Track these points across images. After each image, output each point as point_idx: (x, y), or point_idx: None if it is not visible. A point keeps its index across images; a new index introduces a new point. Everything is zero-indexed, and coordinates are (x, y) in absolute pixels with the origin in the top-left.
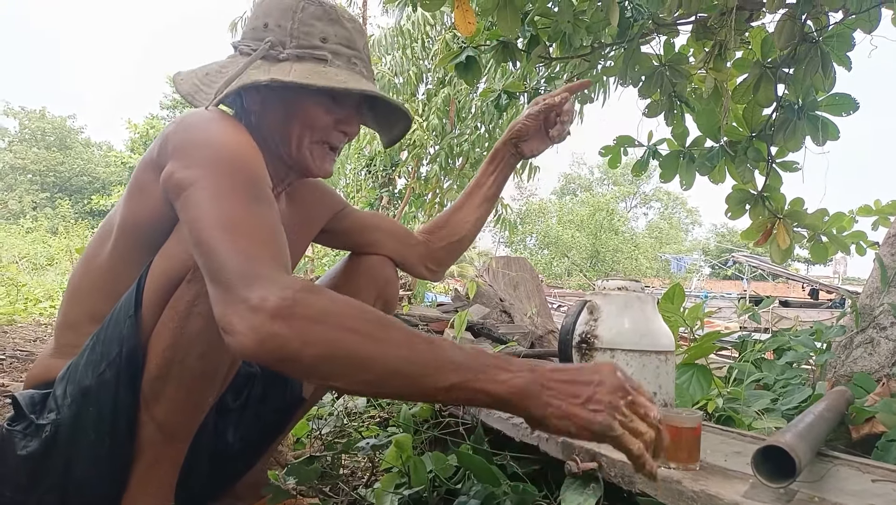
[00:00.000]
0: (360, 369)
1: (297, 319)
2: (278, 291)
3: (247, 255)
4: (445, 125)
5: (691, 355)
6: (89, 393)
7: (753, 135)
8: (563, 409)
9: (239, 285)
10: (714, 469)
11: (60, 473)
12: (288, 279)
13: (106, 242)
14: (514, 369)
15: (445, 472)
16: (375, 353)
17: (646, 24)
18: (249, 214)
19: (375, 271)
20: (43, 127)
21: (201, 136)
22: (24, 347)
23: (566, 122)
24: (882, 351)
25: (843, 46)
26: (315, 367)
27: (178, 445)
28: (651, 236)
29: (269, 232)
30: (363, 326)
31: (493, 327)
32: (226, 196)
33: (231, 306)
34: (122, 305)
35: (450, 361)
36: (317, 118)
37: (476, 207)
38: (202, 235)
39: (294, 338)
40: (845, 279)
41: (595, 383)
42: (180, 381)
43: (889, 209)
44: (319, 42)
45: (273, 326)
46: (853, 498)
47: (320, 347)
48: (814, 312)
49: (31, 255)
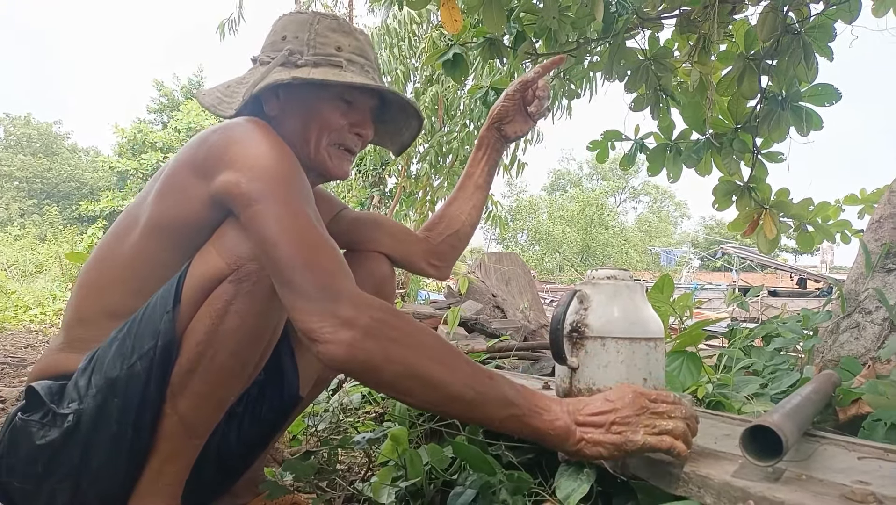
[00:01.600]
0: (430, 390)
1: (384, 339)
2: (368, 311)
3: (327, 271)
4: (434, 123)
5: (681, 343)
6: (116, 384)
7: (739, 126)
8: (592, 438)
9: (326, 300)
10: (705, 451)
11: (76, 463)
12: (371, 300)
13: (125, 239)
14: (555, 410)
15: (441, 463)
16: (446, 378)
17: (630, 19)
18: (320, 234)
19: (372, 268)
20: (28, 133)
21: (256, 150)
22: (14, 354)
23: (543, 98)
24: (868, 335)
25: (825, 37)
26: (392, 382)
27: (195, 442)
28: (640, 230)
29: (336, 250)
30: (437, 353)
31: (486, 323)
32: (298, 215)
33: (322, 318)
34: (158, 301)
35: (505, 396)
36: (333, 120)
37: (469, 197)
38: (282, 252)
39: (380, 355)
40: (832, 268)
41: (614, 410)
42: (208, 376)
43: (874, 197)
44: (335, 51)
45: (365, 342)
46: (840, 475)
47: (400, 365)
48: (802, 301)
49: (20, 262)
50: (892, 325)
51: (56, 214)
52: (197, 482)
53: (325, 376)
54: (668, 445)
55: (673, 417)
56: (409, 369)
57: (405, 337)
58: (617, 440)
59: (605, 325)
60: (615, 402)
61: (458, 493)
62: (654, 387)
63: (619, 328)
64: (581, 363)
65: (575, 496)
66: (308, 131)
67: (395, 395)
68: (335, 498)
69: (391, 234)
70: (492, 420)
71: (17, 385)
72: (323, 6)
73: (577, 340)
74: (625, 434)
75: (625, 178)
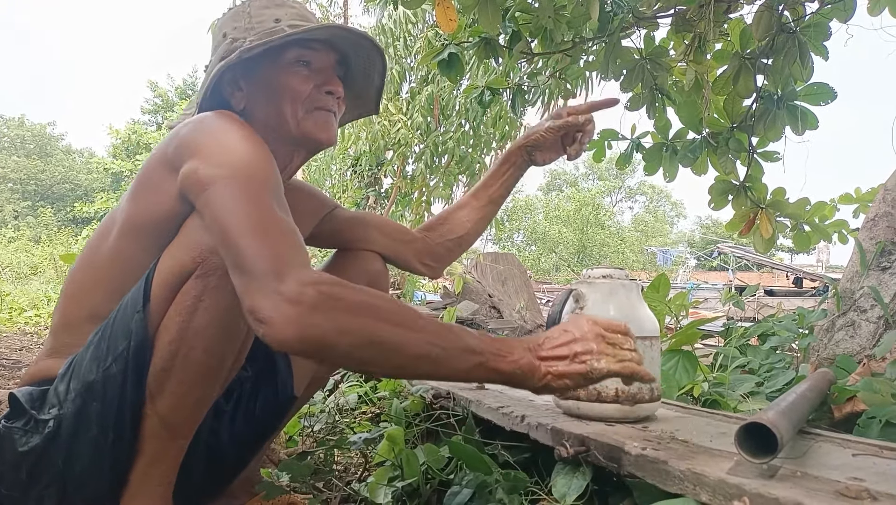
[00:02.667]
0: (393, 354)
1: (334, 311)
2: (314, 286)
3: (277, 253)
4: (430, 123)
5: (677, 342)
6: (94, 387)
7: (734, 126)
8: (557, 371)
9: (272, 279)
10: (700, 449)
11: (60, 468)
12: (320, 275)
13: (105, 241)
14: (517, 349)
15: (438, 463)
16: (407, 339)
17: (626, 18)
18: (276, 218)
19: (364, 266)
20: (22, 135)
21: (222, 138)
22: (9, 357)
23: (584, 143)
24: (863, 333)
25: (820, 36)
26: (351, 354)
27: (179, 442)
28: (637, 230)
29: (293, 234)
30: (394, 316)
31: (482, 323)
32: (253, 198)
33: (266, 298)
34: (129, 301)
35: (468, 346)
36: (299, 87)
37: (480, 208)
38: (231, 233)
39: (332, 328)
40: (828, 267)
41: (575, 341)
42: (184, 375)
43: (868, 197)
44: (274, 24)
45: (313, 317)
46: (835, 471)
47: (356, 336)
48: (798, 300)
49: (14, 264)
50: (887, 323)
51: (50, 216)
52: (188, 481)
53: (321, 375)
54: (632, 371)
55: (626, 347)
56: (367, 338)
57: (357, 306)
58: (582, 369)
59: None
60: (573, 332)
61: (455, 492)
62: (650, 387)
63: None
64: None
65: (571, 495)
66: (281, 108)
67: (358, 366)
68: (332, 498)
69: (384, 232)
70: (458, 372)
71: (11, 387)
72: (317, 6)
73: None
74: (589, 363)
75: (621, 178)
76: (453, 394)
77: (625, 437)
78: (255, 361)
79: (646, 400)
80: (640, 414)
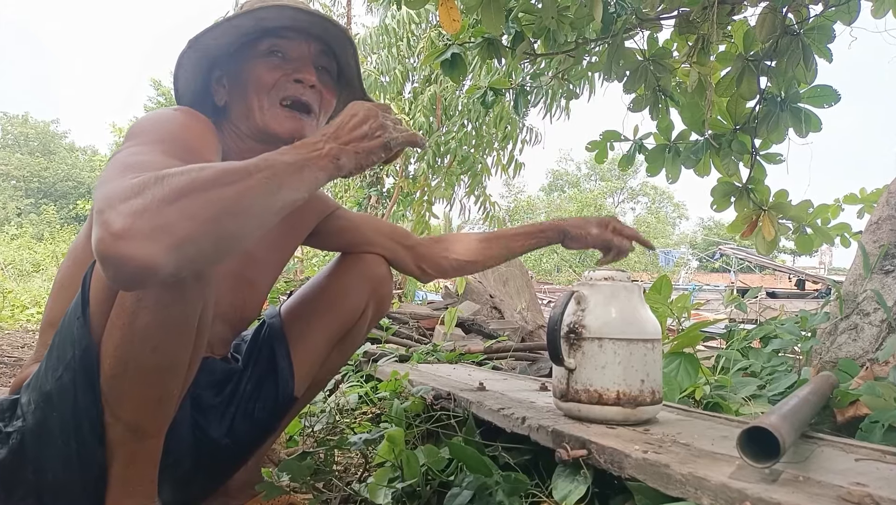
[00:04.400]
0: (246, 216)
1: (169, 223)
2: (133, 207)
3: (109, 191)
4: (432, 123)
5: (678, 344)
6: (50, 398)
7: (737, 127)
8: (363, 148)
9: (101, 223)
10: (702, 453)
11: (32, 479)
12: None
13: (84, 242)
14: (318, 143)
15: (438, 464)
16: (245, 189)
17: (629, 20)
18: (162, 160)
19: (369, 270)
20: (26, 132)
21: (146, 121)
22: (11, 354)
23: (616, 259)
24: (866, 336)
25: (824, 38)
26: (215, 246)
27: (150, 442)
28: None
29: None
30: (223, 179)
31: (483, 323)
32: (141, 152)
33: (103, 246)
34: (72, 307)
35: (286, 161)
36: (266, 77)
37: (495, 251)
38: (103, 175)
39: (175, 240)
40: (831, 269)
41: (363, 121)
42: (138, 377)
43: (873, 197)
44: (261, 4)
45: (151, 242)
46: (838, 476)
47: (205, 227)
48: (800, 303)
49: (17, 261)
50: (890, 326)
51: (53, 214)
52: (186, 480)
53: (322, 378)
54: (416, 138)
55: (400, 122)
56: (214, 222)
57: (184, 202)
58: (382, 142)
59: (602, 326)
60: (359, 114)
61: (455, 494)
62: (652, 389)
63: (617, 329)
64: (578, 364)
65: (572, 497)
66: (249, 100)
67: (227, 247)
68: (332, 499)
69: (384, 235)
70: (296, 188)
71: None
72: (321, 6)
73: (575, 341)
74: (385, 136)
75: (623, 179)
76: (454, 395)
77: (626, 440)
78: (257, 363)
79: (647, 403)
80: (641, 417)
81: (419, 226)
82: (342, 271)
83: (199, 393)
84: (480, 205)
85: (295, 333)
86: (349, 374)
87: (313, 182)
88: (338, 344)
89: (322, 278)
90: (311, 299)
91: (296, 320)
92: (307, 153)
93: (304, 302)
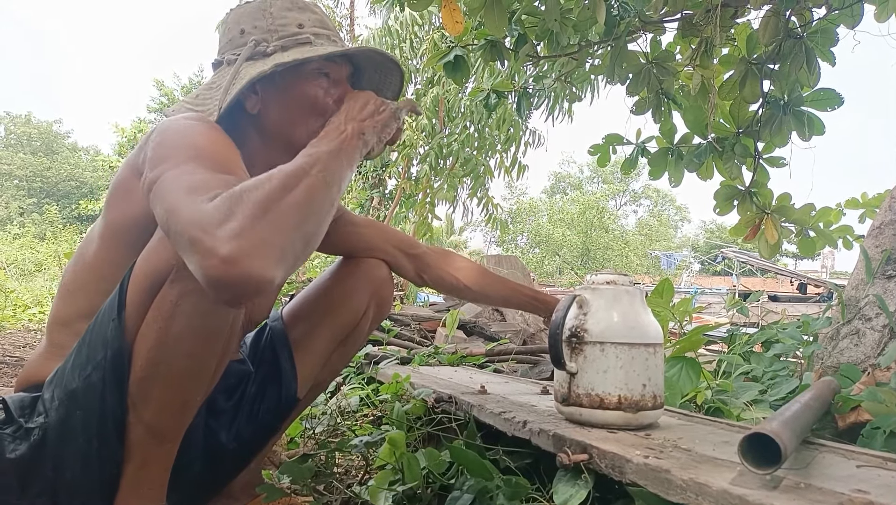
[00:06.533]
0: (318, 209)
1: (263, 237)
2: (220, 238)
3: (196, 218)
4: (435, 125)
5: (680, 348)
6: (76, 396)
7: (740, 131)
8: (378, 121)
9: (204, 239)
10: (703, 458)
11: (50, 476)
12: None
13: (93, 243)
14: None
15: (439, 467)
16: (308, 190)
17: (632, 22)
18: (213, 177)
19: (370, 273)
20: (29, 132)
21: (171, 137)
22: (13, 353)
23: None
24: (868, 341)
25: (827, 42)
26: (304, 242)
27: (167, 446)
28: (641, 234)
29: (222, 183)
30: (287, 184)
31: (485, 325)
32: (189, 172)
33: (214, 271)
34: (106, 308)
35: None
36: (318, 99)
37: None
38: (161, 206)
39: (272, 250)
40: (833, 273)
41: (368, 101)
42: (167, 381)
43: (875, 202)
44: (298, 29)
45: (254, 258)
46: (839, 483)
47: (290, 233)
48: (802, 307)
49: (19, 261)
50: (892, 332)
51: (56, 213)
52: (188, 481)
53: (323, 379)
54: (413, 103)
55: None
56: (299, 226)
57: (270, 215)
58: (391, 112)
59: (604, 330)
60: (359, 98)
61: (456, 497)
62: (653, 394)
63: (619, 333)
64: (580, 368)
65: (573, 502)
66: (296, 117)
67: (313, 245)
68: (332, 501)
69: (387, 239)
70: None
71: (13, 385)
72: (324, 7)
73: (577, 345)
74: (390, 107)
75: (625, 182)
76: (455, 398)
77: (627, 444)
78: (261, 364)
79: (649, 407)
80: (642, 421)
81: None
82: (344, 274)
83: (214, 397)
84: (483, 207)
85: (297, 335)
86: (351, 376)
87: (352, 162)
88: (339, 346)
89: (324, 281)
90: (313, 302)
91: (298, 323)
92: (338, 138)
93: (306, 304)
